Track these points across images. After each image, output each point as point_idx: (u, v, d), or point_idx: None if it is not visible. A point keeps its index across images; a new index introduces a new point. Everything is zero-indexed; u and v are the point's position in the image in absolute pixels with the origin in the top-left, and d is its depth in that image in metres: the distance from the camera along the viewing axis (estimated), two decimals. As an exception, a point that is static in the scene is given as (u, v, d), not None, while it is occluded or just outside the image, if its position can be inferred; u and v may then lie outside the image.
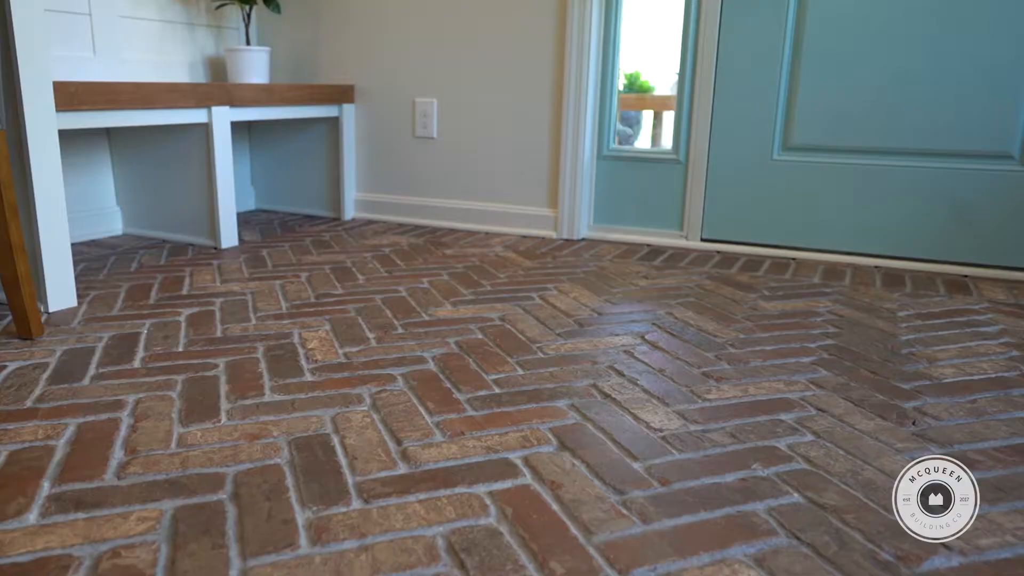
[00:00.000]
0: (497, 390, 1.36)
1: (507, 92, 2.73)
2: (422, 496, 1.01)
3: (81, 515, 0.96)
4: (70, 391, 1.33)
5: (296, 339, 1.61)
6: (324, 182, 3.10)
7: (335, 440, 1.16)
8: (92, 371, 1.42)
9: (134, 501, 0.99)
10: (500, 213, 2.82)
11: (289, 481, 1.04)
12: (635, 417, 1.26)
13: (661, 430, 1.21)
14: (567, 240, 2.71)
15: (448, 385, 1.38)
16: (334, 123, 3.01)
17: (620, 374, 1.45)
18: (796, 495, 1.02)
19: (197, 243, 2.54)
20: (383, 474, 1.06)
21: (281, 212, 3.22)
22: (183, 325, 1.69)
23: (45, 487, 1.02)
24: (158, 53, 2.73)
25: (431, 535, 0.92)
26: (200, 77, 2.92)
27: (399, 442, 1.16)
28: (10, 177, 1.50)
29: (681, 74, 2.55)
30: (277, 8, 2.83)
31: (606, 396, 1.35)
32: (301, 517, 0.95)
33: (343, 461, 1.10)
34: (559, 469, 1.08)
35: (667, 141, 5.38)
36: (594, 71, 2.61)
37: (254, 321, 1.73)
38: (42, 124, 1.69)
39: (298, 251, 2.45)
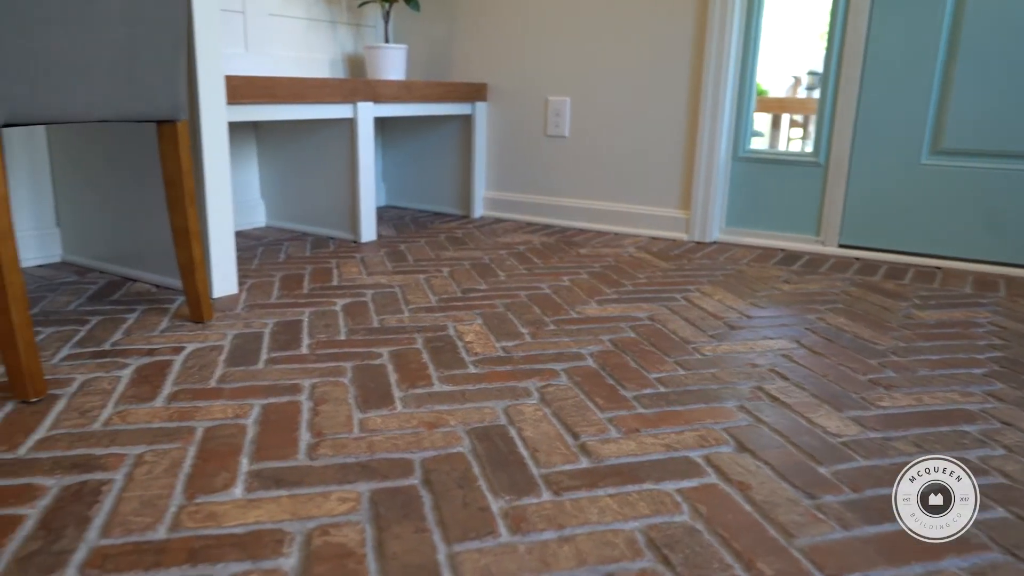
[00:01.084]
0: (663, 389, 1.35)
1: (642, 91, 2.71)
2: (611, 491, 1.00)
3: (284, 492, 0.99)
4: (248, 373, 1.38)
5: (452, 332, 1.64)
6: (454, 180, 3.14)
7: (512, 432, 1.17)
8: (264, 355, 1.47)
9: (330, 482, 1.02)
10: (630, 214, 2.80)
11: (476, 470, 1.05)
12: (809, 421, 1.23)
13: (839, 435, 1.18)
14: (698, 243, 2.68)
15: (611, 382, 1.38)
16: (466, 121, 3.04)
17: (784, 377, 1.42)
18: (1001, 509, 0.98)
19: (337, 236, 2.60)
20: (567, 467, 1.07)
21: (411, 209, 3.28)
22: (340, 315, 1.74)
23: (244, 463, 1.06)
24: (303, 50, 2.82)
25: (629, 529, 0.92)
26: (340, 73, 3.00)
27: (575, 436, 1.16)
28: (191, 166, 1.57)
29: (825, 73, 2.49)
30: (416, 6, 2.88)
31: (774, 399, 1.32)
32: (495, 506, 0.96)
33: (524, 453, 1.11)
34: (744, 470, 1.07)
35: (782, 144, 5.27)
36: (734, 69, 2.57)
37: (407, 313, 1.76)
38: (214, 116, 1.76)
39: (434, 247, 2.49)
